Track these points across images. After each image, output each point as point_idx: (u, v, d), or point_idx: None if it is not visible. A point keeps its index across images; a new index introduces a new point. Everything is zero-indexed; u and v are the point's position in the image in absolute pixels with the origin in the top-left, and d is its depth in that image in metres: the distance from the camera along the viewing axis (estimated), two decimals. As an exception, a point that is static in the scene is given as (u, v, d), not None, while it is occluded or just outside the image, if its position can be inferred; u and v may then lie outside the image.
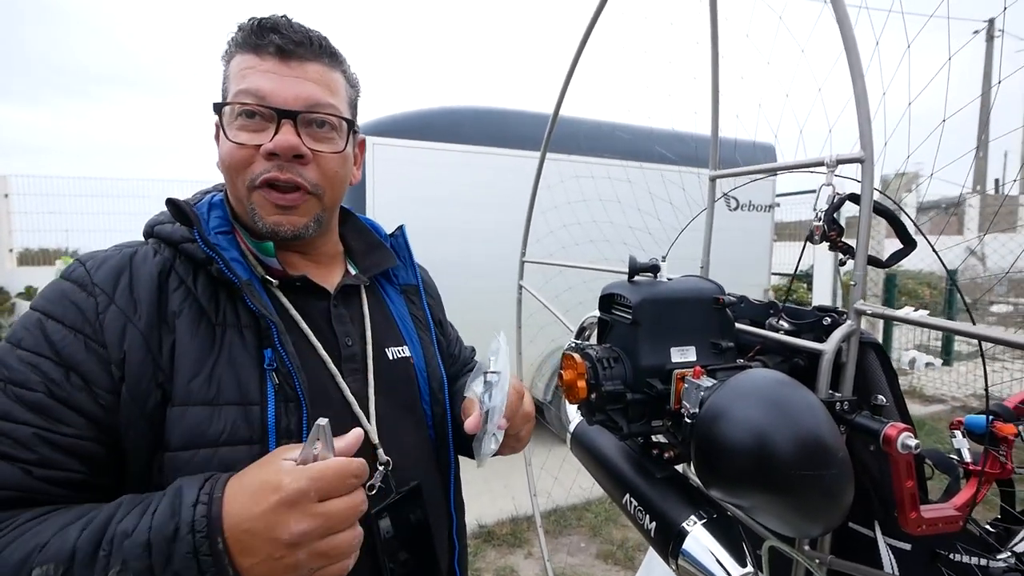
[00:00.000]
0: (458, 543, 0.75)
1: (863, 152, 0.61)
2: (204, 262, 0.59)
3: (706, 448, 0.50)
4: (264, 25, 0.60)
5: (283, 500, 0.44)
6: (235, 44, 0.62)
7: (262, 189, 0.60)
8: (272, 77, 0.60)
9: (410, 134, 3.21)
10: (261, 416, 0.55)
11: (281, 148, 0.59)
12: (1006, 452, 0.60)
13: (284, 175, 0.60)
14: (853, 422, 0.55)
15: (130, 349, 0.53)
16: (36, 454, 0.49)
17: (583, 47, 1.14)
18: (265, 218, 0.61)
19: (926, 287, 7.31)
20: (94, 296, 0.54)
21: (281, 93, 0.60)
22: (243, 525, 0.44)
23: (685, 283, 0.68)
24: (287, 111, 0.60)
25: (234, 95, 0.60)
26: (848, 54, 0.62)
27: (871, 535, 0.63)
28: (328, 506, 0.46)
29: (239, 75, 0.61)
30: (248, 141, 0.60)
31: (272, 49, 0.60)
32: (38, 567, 0.43)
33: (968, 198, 7.04)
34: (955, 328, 0.55)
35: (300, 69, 0.61)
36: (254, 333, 0.59)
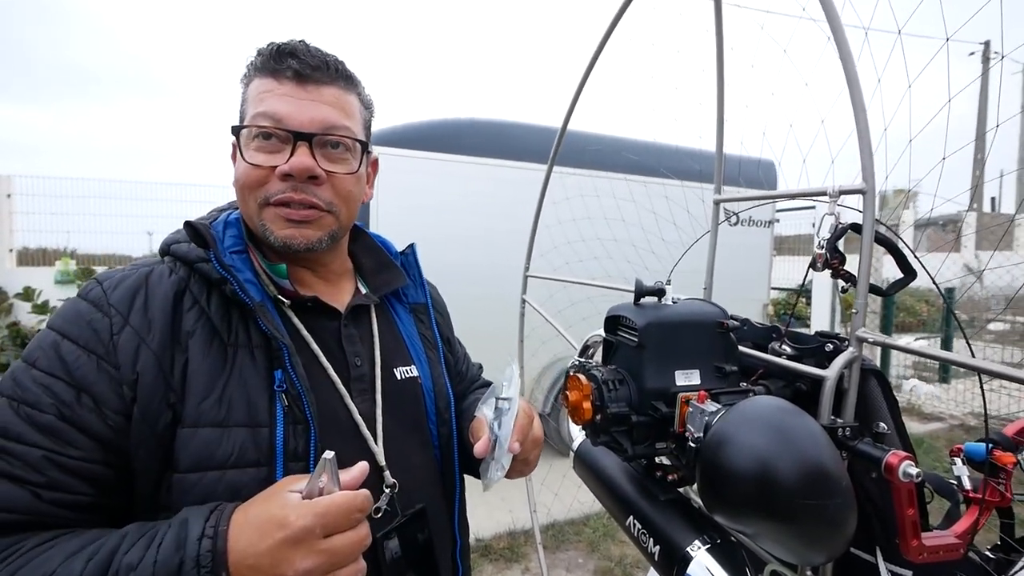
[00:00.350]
0: (461, 565, 0.76)
1: (865, 184, 0.62)
2: (218, 282, 0.59)
3: (711, 474, 0.51)
4: (283, 50, 0.62)
5: (289, 537, 0.45)
6: (254, 68, 0.64)
7: (275, 206, 0.62)
8: (289, 100, 0.61)
9: (415, 145, 3.24)
10: (270, 438, 0.56)
11: (296, 169, 0.61)
12: (1005, 481, 0.61)
13: (299, 195, 0.62)
14: (855, 449, 0.56)
15: (143, 370, 0.53)
16: (45, 476, 0.49)
17: (591, 68, 1.17)
18: (277, 232, 0.62)
19: (924, 304, 7.34)
20: (109, 316, 0.55)
21: (297, 116, 0.61)
22: (248, 560, 0.45)
23: (690, 307, 0.69)
24: (303, 133, 0.61)
25: (251, 118, 0.62)
26: (851, 89, 0.64)
27: (872, 561, 0.64)
28: (333, 542, 0.47)
29: (257, 98, 0.62)
30: (263, 162, 0.61)
31: (290, 73, 0.62)
32: None
33: (965, 216, 7.09)
34: (955, 360, 0.56)
35: (316, 92, 0.63)
36: (265, 354, 0.59)
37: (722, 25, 0.83)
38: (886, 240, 0.64)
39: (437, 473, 0.74)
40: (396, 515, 0.64)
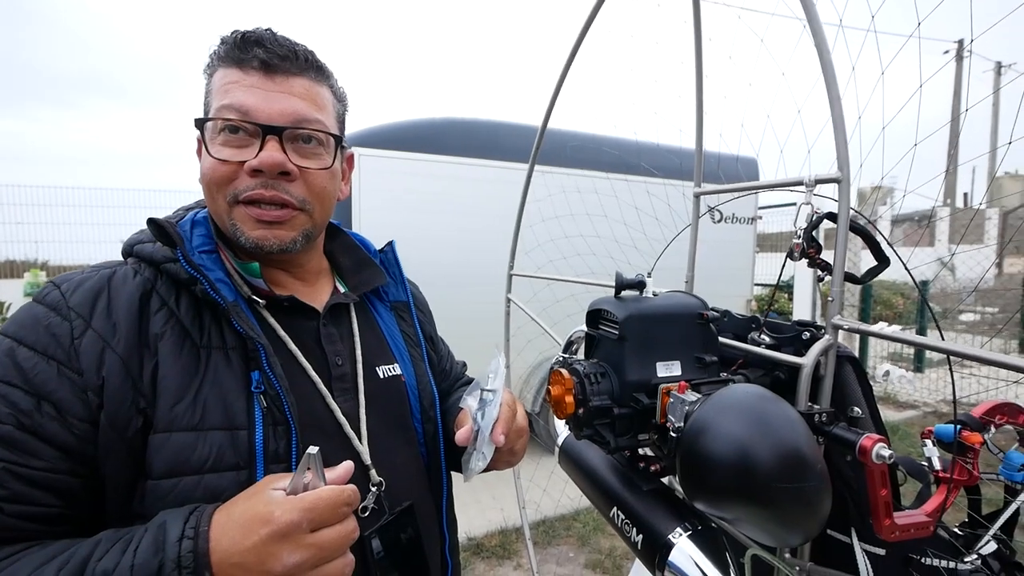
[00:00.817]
0: (451, 560, 0.75)
1: (840, 172, 0.64)
2: (187, 282, 0.57)
3: (690, 462, 0.51)
4: (248, 39, 0.59)
5: (275, 532, 0.43)
6: (218, 58, 0.60)
7: (245, 205, 0.59)
8: (256, 92, 0.58)
9: (396, 145, 3.21)
10: (248, 440, 0.54)
11: (266, 165, 0.58)
12: (972, 460, 0.63)
13: (269, 192, 0.59)
14: (831, 433, 0.57)
15: (108, 374, 0.51)
16: (7, 490, 0.47)
17: (570, 63, 1.17)
18: (248, 233, 0.60)
19: (900, 297, 7.52)
20: (69, 320, 0.52)
21: (266, 109, 0.58)
22: (233, 559, 0.44)
23: (670, 299, 0.70)
24: (272, 127, 0.58)
25: (216, 110, 0.59)
26: (826, 79, 0.65)
27: (848, 542, 0.65)
28: (320, 536, 0.46)
29: (222, 89, 0.59)
30: (231, 157, 0.58)
31: (256, 63, 0.59)
32: None
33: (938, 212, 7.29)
34: (925, 343, 0.57)
35: (285, 84, 0.60)
36: (240, 355, 0.57)
37: (700, 17, 0.84)
38: (861, 228, 0.66)
39: (423, 470, 0.73)
40: (383, 513, 0.63)
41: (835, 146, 0.64)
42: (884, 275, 0.67)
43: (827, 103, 0.66)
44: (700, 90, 0.87)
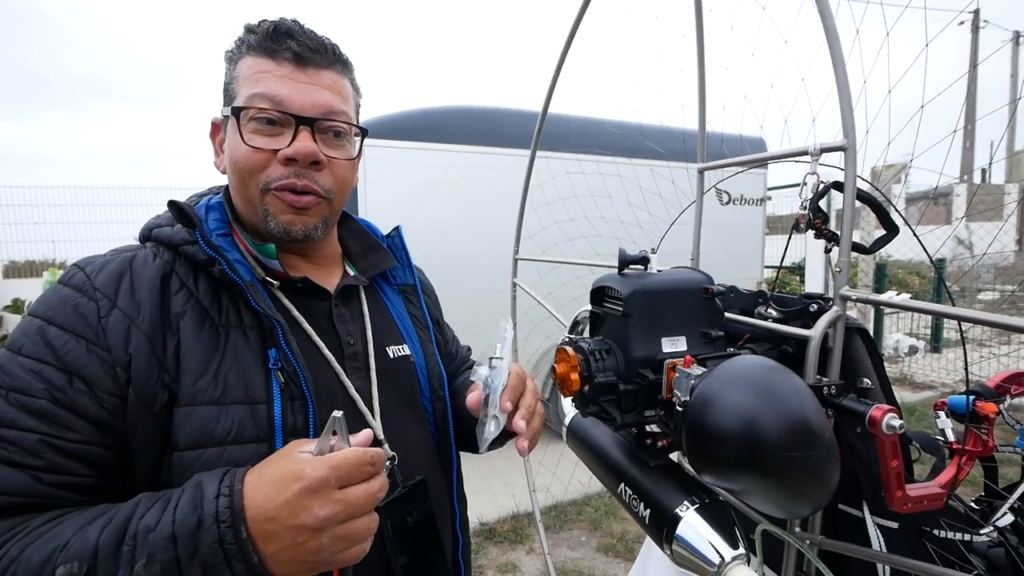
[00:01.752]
0: (462, 536, 0.77)
1: (846, 140, 0.62)
2: (205, 264, 0.59)
3: (696, 434, 0.51)
4: (280, 30, 0.61)
5: (306, 487, 0.46)
6: (246, 46, 0.62)
7: (278, 192, 0.62)
8: (289, 83, 0.61)
9: (401, 135, 3.21)
10: (268, 415, 0.56)
11: (301, 155, 0.60)
12: (987, 430, 0.62)
13: (301, 181, 0.62)
14: (840, 405, 0.57)
15: (135, 351, 0.53)
16: (44, 460, 0.49)
17: (570, 43, 1.15)
18: (278, 217, 0.62)
19: (915, 276, 7.39)
20: (95, 300, 0.54)
21: (299, 99, 0.61)
22: (267, 514, 0.45)
23: (674, 274, 0.69)
24: (305, 118, 0.61)
25: (248, 98, 0.60)
26: (830, 44, 0.64)
27: (860, 515, 0.65)
28: (348, 492, 0.48)
29: (253, 78, 0.61)
30: (264, 145, 0.60)
31: (289, 55, 0.61)
32: (62, 566, 0.43)
33: (955, 187, 7.12)
34: (934, 309, 0.56)
35: (316, 76, 0.62)
36: (258, 334, 0.59)
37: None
38: (868, 197, 0.64)
39: (434, 448, 0.74)
40: (397, 486, 0.65)
41: (840, 113, 0.62)
42: (899, 254, 0.65)
43: (831, 70, 0.64)
44: (702, 63, 0.85)
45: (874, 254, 1.08)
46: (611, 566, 2.43)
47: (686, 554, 0.55)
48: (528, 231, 1.55)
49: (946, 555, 0.64)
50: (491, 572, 2.40)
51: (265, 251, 0.65)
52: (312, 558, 0.46)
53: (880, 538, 0.65)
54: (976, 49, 10.26)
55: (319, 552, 0.46)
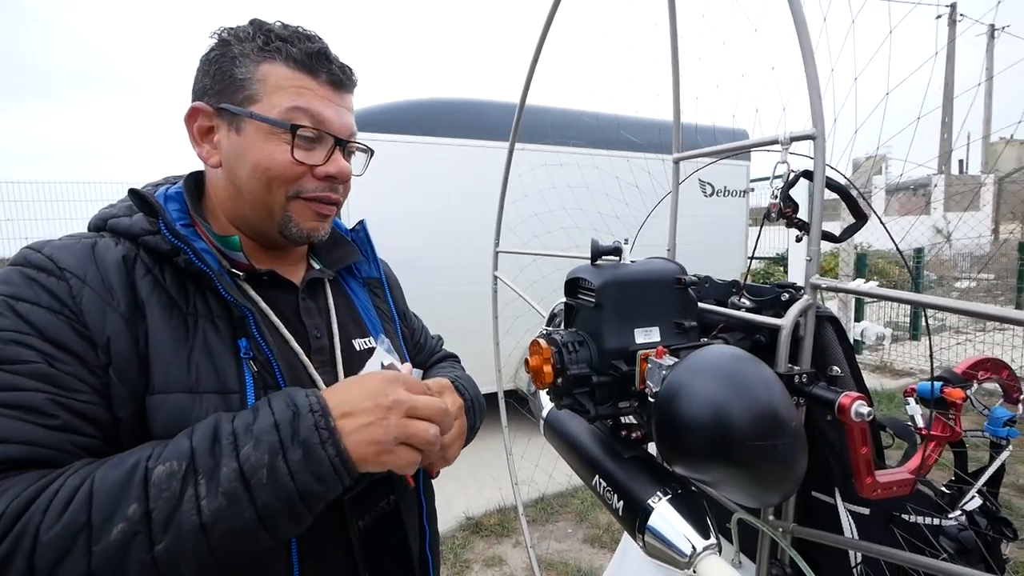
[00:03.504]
0: (428, 528, 0.77)
1: (815, 129, 0.62)
2: (169, 254, 0.57)
3: (666, 424, 0.51)
4: (322, 53, 0.63)
5: (384, 377, 0.55)
6: (282, 55, 0.61)
7: (310, 202, 0.64)
8: (329, 105, 0.63)
9: (379, 127, 3.17)
10: (241, 404, 0.55)
11: (342, 175, 0.66)
12: (955, 416, 0.62)
13: (334, 195, 0.67)
14: (810, 393, 0.57)
15: (113, 334, 0.51)
16: (59, 419, 0.47)
17: (546, 33, 1.14)
18: (302, 224, 0.65)
19: (896, 266, 7.53)
20: (65, 280, 0.52)
21: (337, 122, 0.64)
22: (349, 402, 0.53)
23: (647, 265, 0.69)
24: (342, 140, 0.65)
25: (289, 110, 0.60)
26: (799, 34, 0.63)
27: (832, 502, 0.65)
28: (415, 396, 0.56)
29: (293, 91, 0.61)
30: (306, 160, 0.62)
31: (326, 77, 0.63)
32: (160, 465, 0.45)
33: (934, 178, 7.26)
34: (901, 297, 0.56)
35: (346, 100, 0.66)
36: (227, 323, 0.58)
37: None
38: (837, 186, 0.64)
39: None
40: (362, 480, 0.64)
41: (809, 102, 0.62)
42: (879, 244, 0.66)
43: (801, 60, 0.63)
44: (675, 52, 0.84)
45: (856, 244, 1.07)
46: (597, 557, 2.45)
47: (658, 545, 0.55)
48: (508, 224, 1.54)
49: (914, 541, 0.65)
50: (477, 566, 2.41)
51: (228, 243, 0.64)
52: (381, 436, 0.52)
53: (852, 524, 0.65)
54: (953, 42, 10.42)
55: (387, 431, 0.52)
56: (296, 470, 0.48)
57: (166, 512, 0.44)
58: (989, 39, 10.64)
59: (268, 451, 0.48)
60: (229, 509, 0.45)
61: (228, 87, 0.61)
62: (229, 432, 0.48)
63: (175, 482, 0.45)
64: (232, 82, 0.61)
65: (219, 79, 0.61)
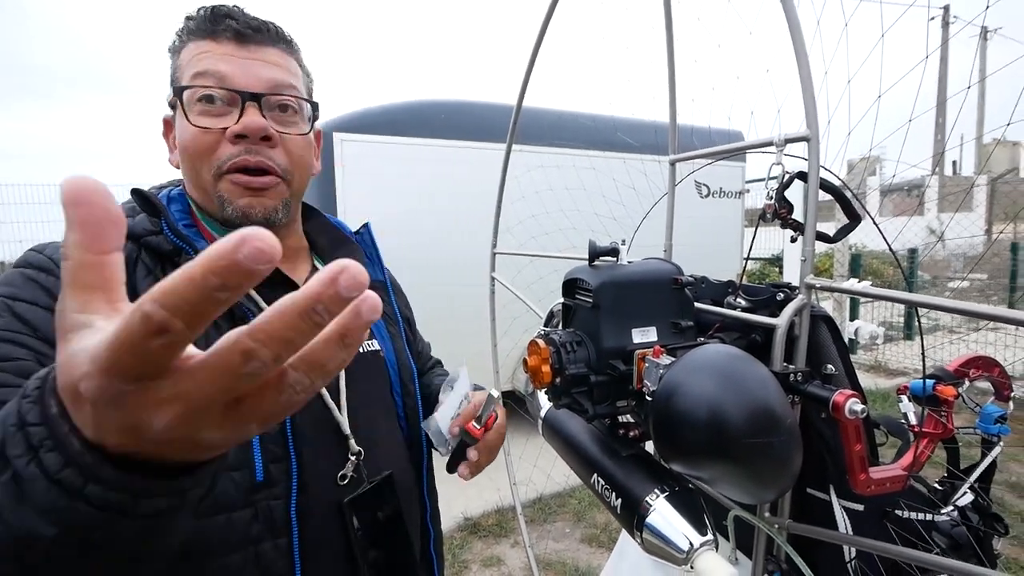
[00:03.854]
0: (432, 529, 0.77)
1: (809, 131, 0.63)
2: (171, 254, 0.57)
3: (663, 422, 0.51)
4: (218, 12, 0.60)
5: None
6: (187, 33, 0.61)
7: (231, 174, 0.59)
8: (232, 60, 0.59)
9: (378, 129, 3.17)
10: None
11: (250, 129, 0.58)
12: (947, 413, 0.63)
13: (254, 158, 0.59)
14: (805, 391, 0.58)
15: None
16: None
17: (543, 35, 1.15)
18: (235, 201, 0.60)
19: (890, 266, 7.58)
20: None
21: (243, 75, 0.59)
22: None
23: (644, 265, 0.69)
24: (251, 93, 0.59)
25: (191, 78, 0.58)
26: (792, 36, 0.64)
27: (827, 499, 0.66)
28: None
29: (194, 60, 0.59)
30: (212, 125, 0.58)
31: (229, 34, 0.59)
32: None
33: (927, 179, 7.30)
34: (893, 296, 0.57)
35: (259, 52, 0.61)
36: (228, 325, 0.57)
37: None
38: (831, 187, 0.65)
39: (403, 442, 0.74)
40: (363, 482, 0.64)
41: (803, 104, 0.63)
42: (874, 245, 0.67)
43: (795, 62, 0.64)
44: (671, 55, 0.85)
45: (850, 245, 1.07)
46: (595, 556, 2.46)
47: (656, 542, 0.56)
48: (505, 225, 1.55)
49: (909, 536, 0.65)
50: (476, 566, 2.41)
51: None
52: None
53: (846, 520, 0.66)
54: (946, 44, 10.50)
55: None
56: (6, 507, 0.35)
57: None
58: (981, 41, 10.73)
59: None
60: None
61: (171, 85, 0.62)
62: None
63: None
64: (172, 82, 0.62)
65: (170, 84, 0.62)
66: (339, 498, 0.61)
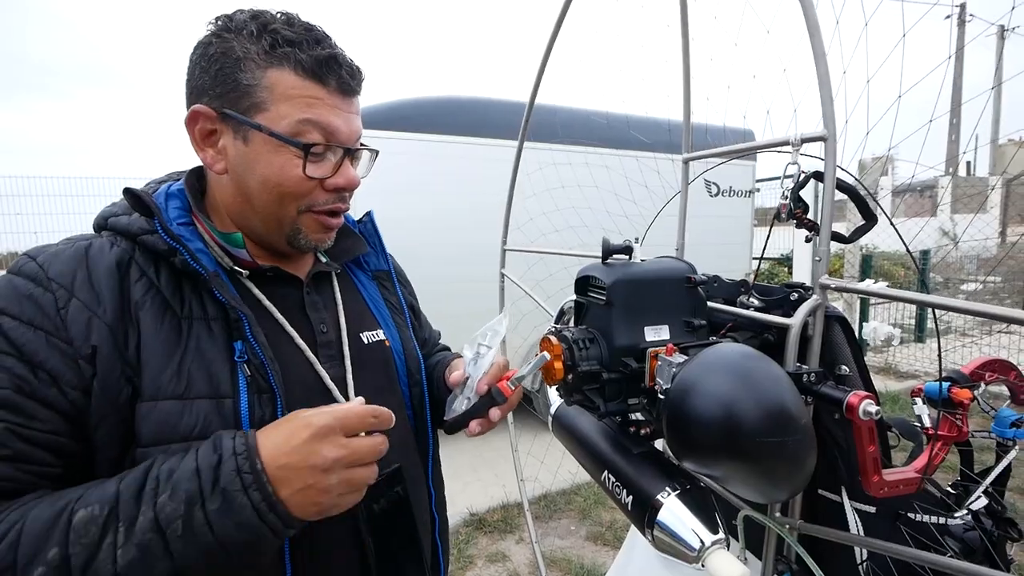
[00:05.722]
0: (438, 516, 0.78)
1: (826, 131, 0.63)
2: (166, 254, 0.57)
3: (676, 420, 0.51)
4: (333, 58, 0.60)
5: (315, 433, 0.50)
6: (290, 61, 0.58)
7: (319, 215, 0.64)
8: (340, 114, 0.61)
9: (389, 125, 3.17)
10: (234, 409, 0.55)
11: (351, 185, 0.65)
12: (961, 416, 0.63)
13: (344, 206, 0.67)
14: (818, 392, 0.57)
15: (99, 342, 0.51)
16: (10, 449, 0.48)
17: (557, 33, 1.14)
18: (311, 235, 0.65)
19: (901, 268, 7.50)
20: (51, 291, 0.52)
21: (346, 131, 0.62)
22: (280, 460, 0.49)
23: (657, 263, 0.69)
24: (351, 149, 0.64)
25: (299, 123, 0.58)
26: (811, 36, 0.64)
27: (839, 500, 0.66)
28: (354, 441, 0.52)
29: (302, 101, 0.58)
30: (315, 174, 0.61)
31: (335, 84, 0.61)
32: (81, 510, 0.45)
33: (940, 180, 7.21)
34: (909, 297, 0.57)
35: (354, 105, 0.64)
36: (223, 326, 0.58)
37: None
38: (847, 187, 0.65)
39: (411, 431, 0.75)
40: None
41: (820, 104, 0.63)
42: (885, 246, 0.66)
43: (812, 61, 0.64)
44: (687, 53, 0.85)
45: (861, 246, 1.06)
46: (599, 554, 2.46)
47: (667, 539, 0.56)
48: (516, 221, 1.55)
49: (921, 539, 0.65)
50: (481, 561, 2.42)
51: (232, 240, 0.63)
52: (322, 499, 0.50)
53: (858, 522, 0.66)
54: (962, 43, 10.34)
55: (328, 492, 0.50)
56: (214, 520, 0.46)
57: (83, 559, 0.44)
58: (999, 40, 10.54)
59: (185, 500, 0.46)
60: (143, 560, 0.45)
61: (231, 91, 0.58)
62: (155, 477, 0.47)
63: (94, 528, 0.44)
64: (236, 87, 0.58)
65: (221, 81, 0.58)
66: None
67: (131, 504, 0.46)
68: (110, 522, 0.45)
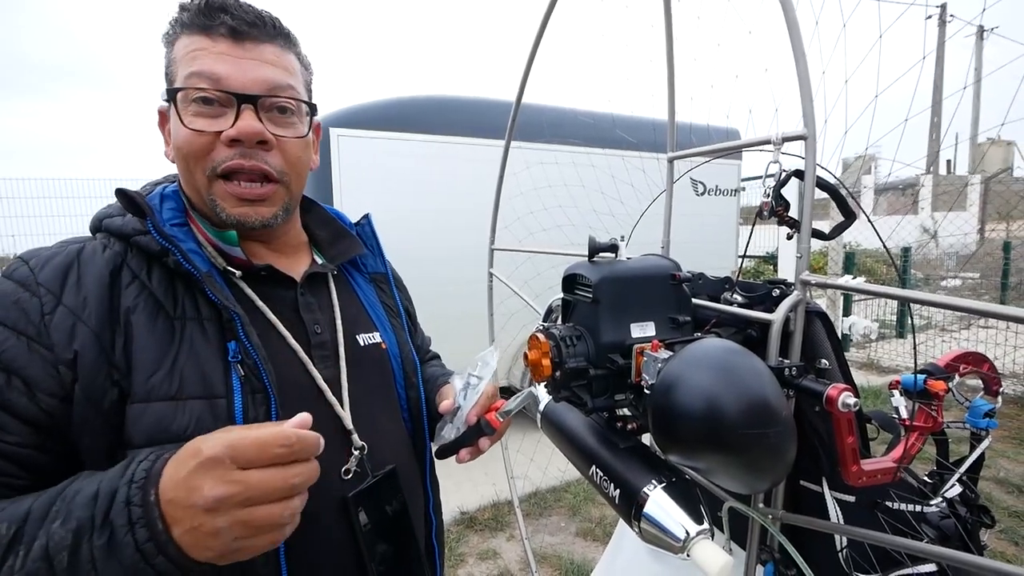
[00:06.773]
0: (435, 518, 0.78)
1: (806, 130, 0.64)
2: (159, 255, 0.57)
3: (661, 414, 0.52)
4: (212, 4, 0.58)
5: (201, 464, 0.42)
6: (180, 25, 0.59)
7: (224, 181, 0.59)
8: (227, 60, 0.58)
9: (376, 125, 3.16)
10: (228, 409, 0.54)
11: (245, 134, 0.58)
12: (937, 407, 0.65)
13: (248, 162, 0.59)
14: (800, 385, 0.59)
15: (82, 348, 0.51)
16: None
17: (542, 32, 1.15)
18: (228, 209, 0.60)
19: (883, 264, 7.64)
20: (38, 296, 0.52)
21: (239, 76, 0.58)
22: (168, 493, 0.43)
23: (643, 261, 0.70)
24: (247, 95, 0.58)
25: (185, 78, 0.58)
26: (791, 36, 0.65)
27: (819, 490, 0.68)
28: (249, 475, 0.43)
29: (188, 57, 0.58)
30: (207, 127, 0.57)
31: (224, 30, 0.58)
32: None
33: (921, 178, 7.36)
34: (887, 292, 0.58)
35: (255, 51, 0.59)
36: (216, 326, 0.57)
37: (669, -21, 0.83)
38: (827, 185, 0.66)
39: (407, 435, 0.75)
40: (366, 476, 0.65)
41: (801, 103, 0.64)
42: (867, 243, 0.68)
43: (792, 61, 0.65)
44: (671, 53, 0.86)
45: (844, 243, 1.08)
46: (589, 550, 2.48)
47: (653, 531, 0.57)
48: (503, 221, 1.56)
49: (899, 526, 0.67)
50: (472, 559, 2.43)
51: (226, 238, 0.63)
52: (213, 543, 0.42)
53: (838, 511, 0.68)
54: (942, 43, 10.53)
55: (218, 536, 0.42)
56: (99, 558, 0.41)
57: None
58: (978, 40, 10.77)
59: (74, 530, 0.42)
60: None
61: (166, 80, 0.61)
62: (64, 497, 0.44)
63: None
64: (166, 74, 0.61)
65: (164, 76, 0.61)
66: (343, 493, 0.61)
67: (36, 524, 0.42)
68: (15, 543, 0.42)
